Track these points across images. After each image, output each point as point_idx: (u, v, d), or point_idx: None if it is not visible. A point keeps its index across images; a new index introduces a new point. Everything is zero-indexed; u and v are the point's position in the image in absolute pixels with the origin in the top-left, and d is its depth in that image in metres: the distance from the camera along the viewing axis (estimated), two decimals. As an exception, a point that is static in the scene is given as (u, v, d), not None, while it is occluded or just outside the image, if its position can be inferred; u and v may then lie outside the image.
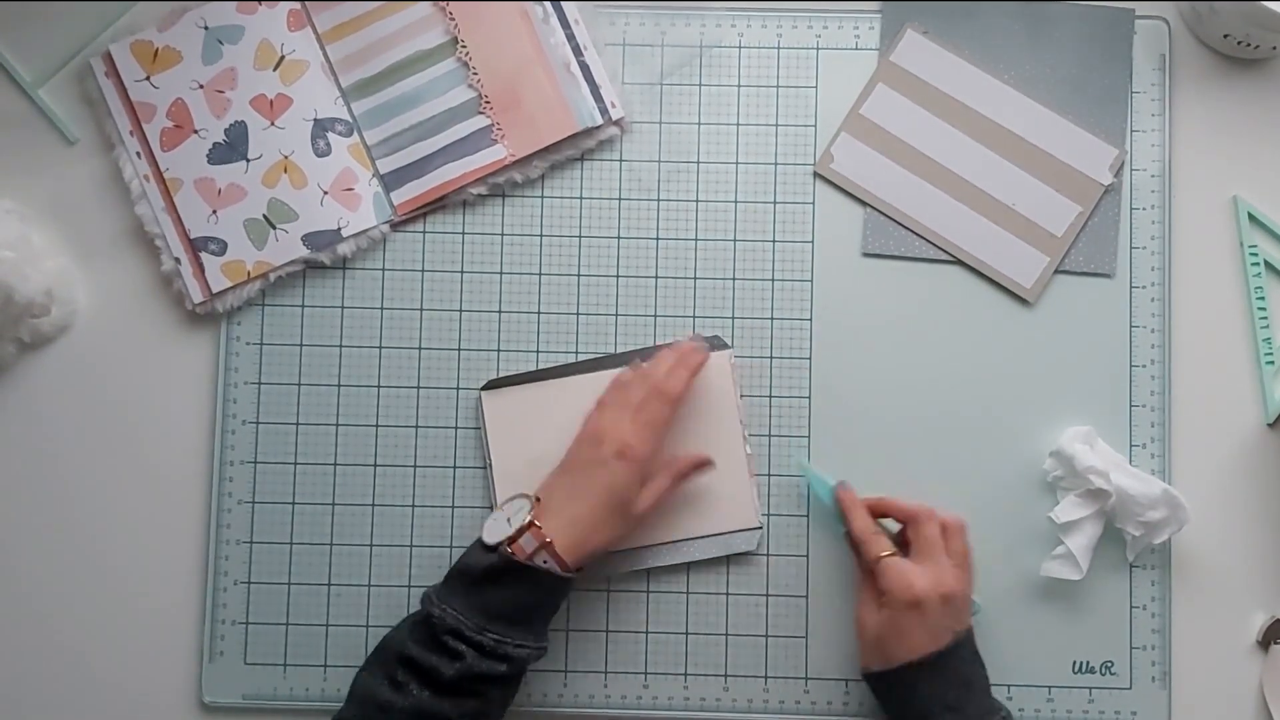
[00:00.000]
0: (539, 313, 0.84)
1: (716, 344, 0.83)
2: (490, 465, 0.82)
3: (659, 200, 0.85)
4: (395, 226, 0.85)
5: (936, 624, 0.73)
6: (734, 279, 0.84)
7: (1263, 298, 0.84)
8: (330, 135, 0.84)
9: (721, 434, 0.82)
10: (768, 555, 0.83)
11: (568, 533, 0.73)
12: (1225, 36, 0.84)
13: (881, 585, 0.75)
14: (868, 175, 0.84)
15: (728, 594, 0.82)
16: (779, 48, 0.86)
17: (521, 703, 0.81)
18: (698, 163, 0.85)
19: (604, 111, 0.84)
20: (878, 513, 0.79)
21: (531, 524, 0.73)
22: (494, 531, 0.74)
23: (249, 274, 0.83)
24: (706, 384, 0.82)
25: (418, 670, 0.71)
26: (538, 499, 0.75)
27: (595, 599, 0.82)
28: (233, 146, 0.84)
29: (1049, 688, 0.82)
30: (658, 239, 0.84)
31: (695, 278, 0.84)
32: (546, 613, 0.75)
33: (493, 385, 0.83)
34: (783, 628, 0.82)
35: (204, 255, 0.83)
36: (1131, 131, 0.85)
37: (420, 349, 0.84)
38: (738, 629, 0.82)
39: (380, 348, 0.84)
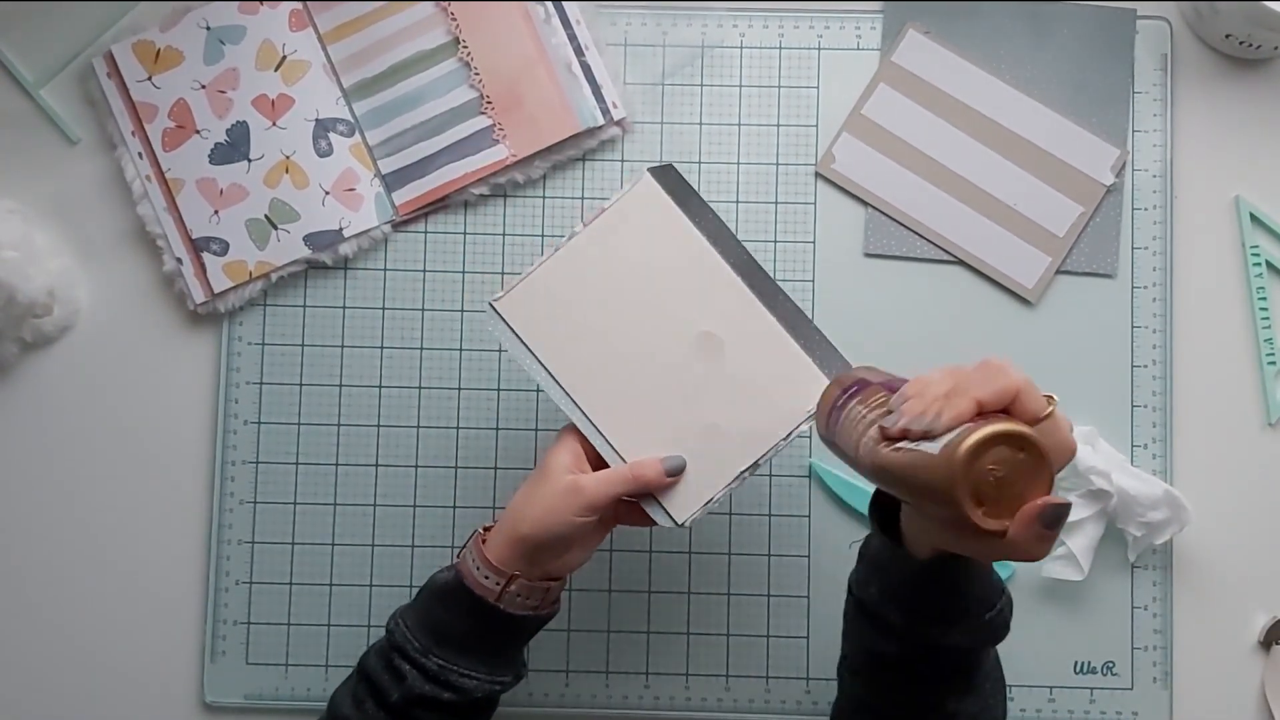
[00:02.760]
0: (540, 313, 0.84)
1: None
2: (549, 371, 0.71)
3: (660, 200, 0.85)
4: (397, 227, 0.85)
5: None
6: (735, 279, 0.84)
7: (1264, 298, 0.84)
8: (332, 135, 0.84)
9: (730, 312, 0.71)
10: (769, 555, 0.82)
11: (499, 525, 0.68)
12: (1227, 37, 0.84)
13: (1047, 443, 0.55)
14: (869, 175, 0.84)
15: (729, 594, 0.82)
16: (780, 48, 0.86)
17: (523, 702, 0.81)
18: (699, 163, 0.85)
19: (605, 111, 0.84)
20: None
21: (475, 531, 0.70)
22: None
23: (250, 274, 0.83)
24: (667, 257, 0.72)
25: (371, 687, 0.68)
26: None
27: (597, 599, 0.82)
28: (234, 147, 0.84)
29: (1050, 688, 0.82)
30: (659, 239, 0.84)
31: (697, 278, 0.84)
32: (500, 646, 0.69)
33: (498, 298, 0.72)
34: (784, 628, 0.82)
35: (206, 255, 0.83)
36: (1133, 132, 0.85)
37: (422, 349, 0.84)
38: (739, 629, 0.82)
39: (382, 348, 0.84)
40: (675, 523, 0.70)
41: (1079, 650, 0.82)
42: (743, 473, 0.70)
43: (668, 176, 0.72)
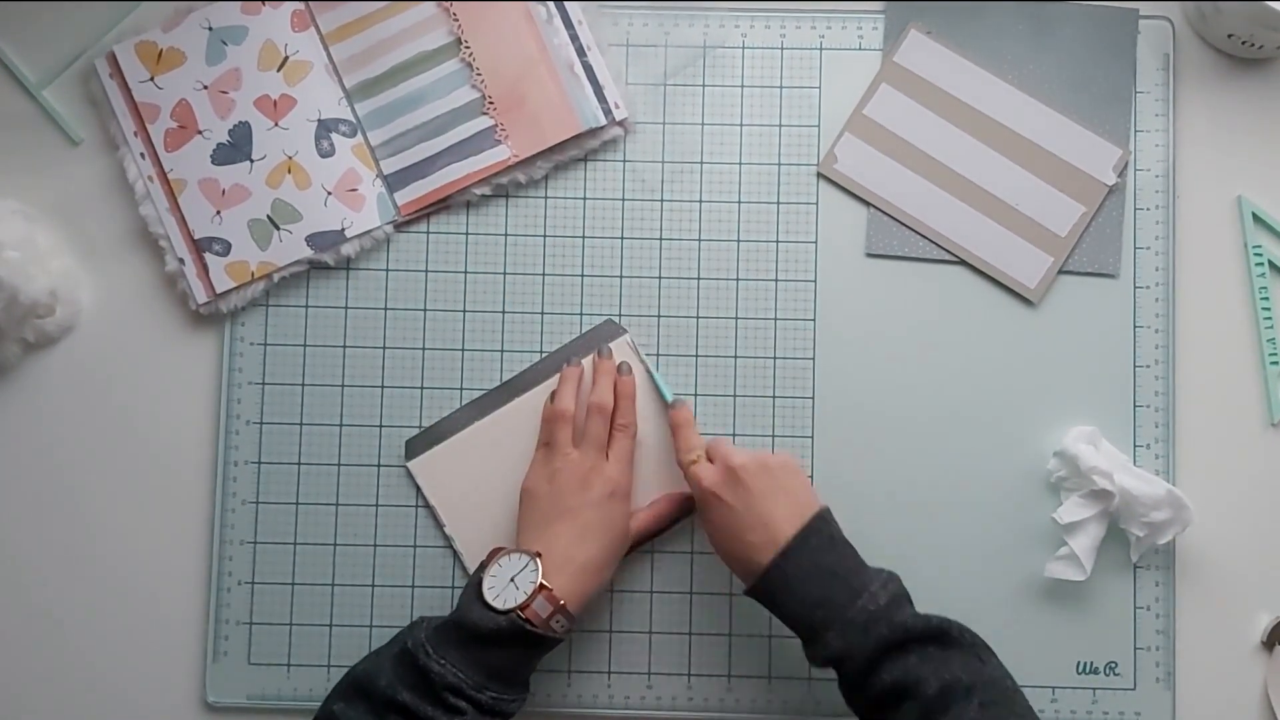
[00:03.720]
0: (542, 313, 0.84)
1: (611, 330, 0.83)
2: (444, 525, 0.83)
3: (662, 201, 0.85)
4: (399, 227, 0.85)
5: (754, 500, 0.72)
6: (737, 279, 0.84)
7: (1267, 298, 0.84)
8: (334, 136, 0.84)
9: (651, 411, 0.83)
10: (771, 556, 0.82)
11: (575, 587, 0.73)
12: (1229, 36, 0.84)
13: (694, 495, 0.76)
14: (871, 175, 0.84)
15: (731, 594, 0.82)
16: (782, 48, 0.86)
17: (526, 703, 0.81)
18: (701, 163, 0.85)
19: (607, 112, 0.84)
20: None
21: (543, 586, 0.71)
22: (501, 594, 0.71)
23: (253, 274, 0.83)
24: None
25: (409, 716, 0.69)
26: (538, 553, 0.73)
27: (599, 600, 0.82)
28: (237, 147, 0.84)
29: (1053, 688, 0.82)
30: (661, 239, 0.84)
31: (699, 278, 0.84)
32: (536, 666, 0.75)
33: (413, 450, 0.83)
34: (786, 628, 0.82)
35: (208, 256, 0.83)
36: (1135, 131, 0.85)
37: (424, 349, 0.84)
38: (741, 629, 0.82)
39: (384, 348, 0.84)
40: None
41: (1081, 650, 0.82)
42: None
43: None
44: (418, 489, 0.83)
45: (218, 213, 0.83)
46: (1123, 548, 0.82)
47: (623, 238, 0.84)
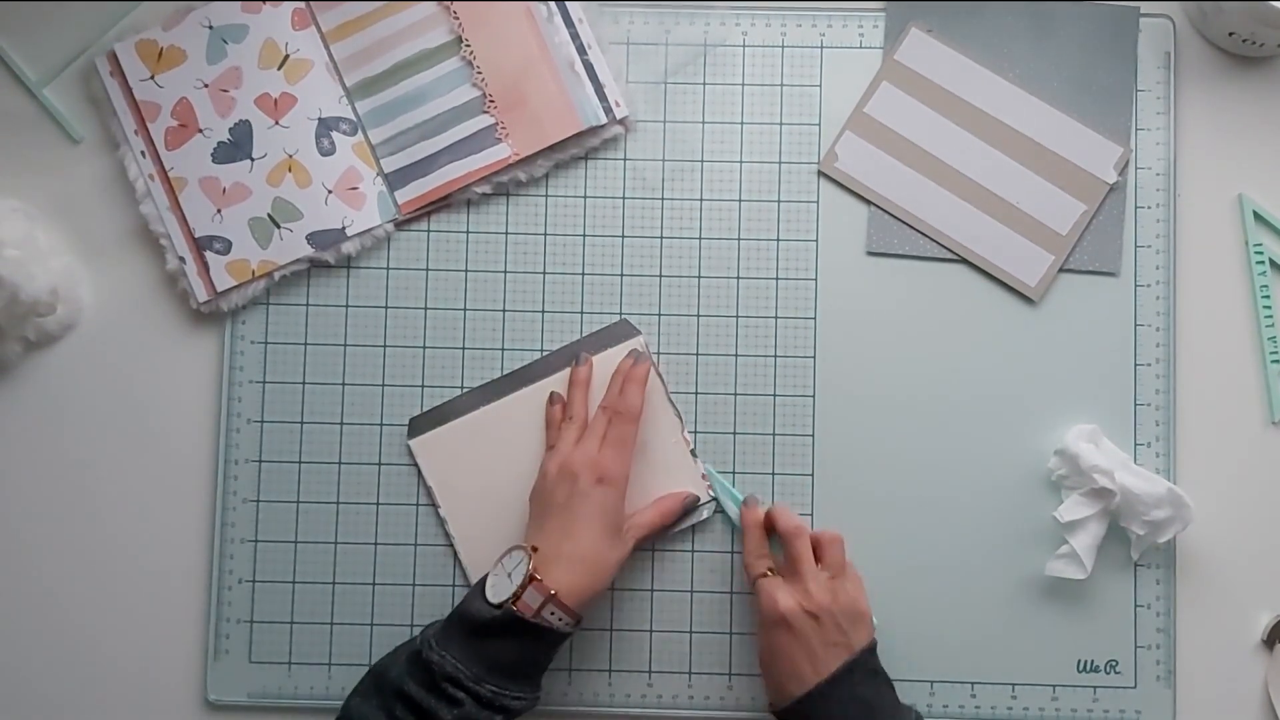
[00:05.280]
0: (543, 311, 0.84)
1: (625, 330, 0.83)
2: (439, 506, 0.83)
3: (663, 199, 0.85)
4: (400, 225, 0.85)
5: (816, 644, 0.73)
6: (738, 278, 0.84)
7: (1268, 296, 0.84)
8: (335, 134, 0.84)
9: (655, 418, 0.82)
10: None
11: (570, 579, 0.73)
12: (1230, 35, 0.83)
13: (757, 608, 0.76)
14: (872, 174, 0.84)
15: (732, 593, 0.82)
16: (783, 46, 0.86)
17: (536, 704, 0.81)
18: (702, 161, 0.85)
19: (608, 110, 0.84)
20: (769, 527, 0.79)
21: (532, 577, 0.72)
22: (497, 590, 0.73)
23: (253, 273, 0.83)
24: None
25: (416, 710, 0.70)
26: (534, 548, 0.74)
27: (602, 595, 0.82)
28: (237, 145, 0.84)
29: (1053, 686, 0.82)
30: (662, 238, 0.84)
31: (699, 276, 0.84)
32: (545, 664, 0.75)
33: (416, 427, 0.83)
34: (787, 626, 0.82)
35: (209, 254, 0.83)
36: (1136, 130, 0.85)
37: (424, 348, 0.84)
38: (742, 627, 0.82)
39: (385, 347, 0.84)
40: None
41: (1082, 649, 0.82)
42: None
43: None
44: (419, 488, 0.83)
45: (218, 211, 0.83)
46: (1123, 546, 0.82)
47: (623, 236, 0.84)
